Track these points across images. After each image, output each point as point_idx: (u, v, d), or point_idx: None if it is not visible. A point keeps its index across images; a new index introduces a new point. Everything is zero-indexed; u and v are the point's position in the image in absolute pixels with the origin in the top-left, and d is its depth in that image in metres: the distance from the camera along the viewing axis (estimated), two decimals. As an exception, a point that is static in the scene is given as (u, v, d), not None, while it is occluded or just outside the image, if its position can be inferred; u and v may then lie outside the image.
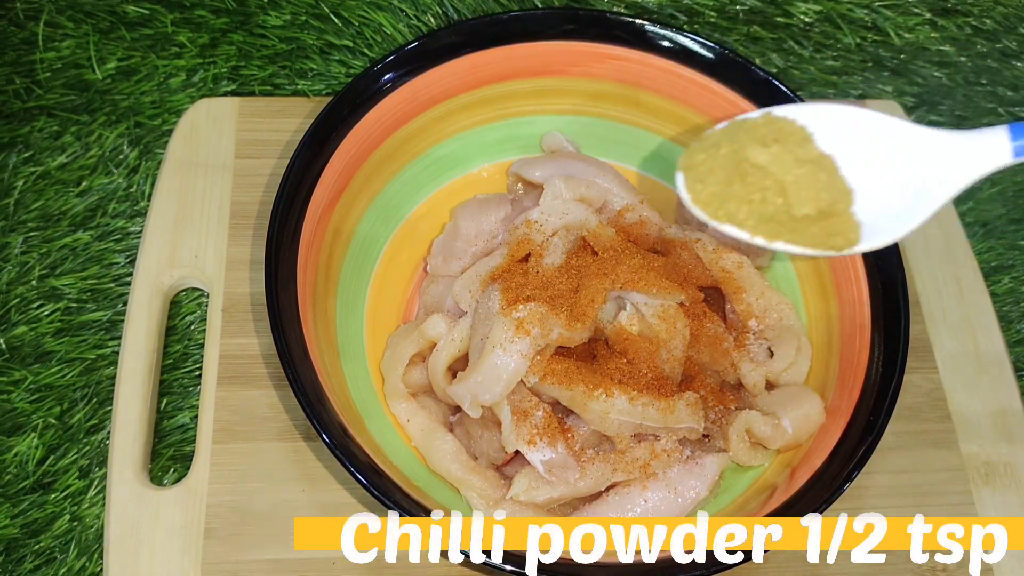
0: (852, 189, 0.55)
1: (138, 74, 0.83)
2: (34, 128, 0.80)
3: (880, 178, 0.55)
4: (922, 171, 0.55)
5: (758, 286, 0.71)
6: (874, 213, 0.55)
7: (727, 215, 0.55)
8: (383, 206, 0.73)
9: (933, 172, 0.54)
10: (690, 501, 0.63)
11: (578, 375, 0.63)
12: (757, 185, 0.54)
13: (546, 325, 0.63)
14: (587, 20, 0.73)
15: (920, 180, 0.55)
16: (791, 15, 0.87)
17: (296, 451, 0.67)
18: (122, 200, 0.78)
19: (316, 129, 0.68)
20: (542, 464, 0.62)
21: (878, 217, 0.55)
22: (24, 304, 0.74)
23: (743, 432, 0.65)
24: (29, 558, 0.67)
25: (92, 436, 0.70)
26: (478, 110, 0.75)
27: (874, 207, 0.55)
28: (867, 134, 0.56)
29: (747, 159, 0.54)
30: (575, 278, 0.66)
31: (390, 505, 0.56)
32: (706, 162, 0.56)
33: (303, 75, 0.84)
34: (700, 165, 0.56)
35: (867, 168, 0.56)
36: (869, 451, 0.61)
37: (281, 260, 0.63)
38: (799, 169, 0.54)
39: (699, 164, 0.56)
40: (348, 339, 0.68)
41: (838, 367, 0.67)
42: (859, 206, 0.55)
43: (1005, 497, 0.69)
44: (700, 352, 0.68)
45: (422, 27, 0.83)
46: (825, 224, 0.55)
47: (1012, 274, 0.82)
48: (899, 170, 0.55)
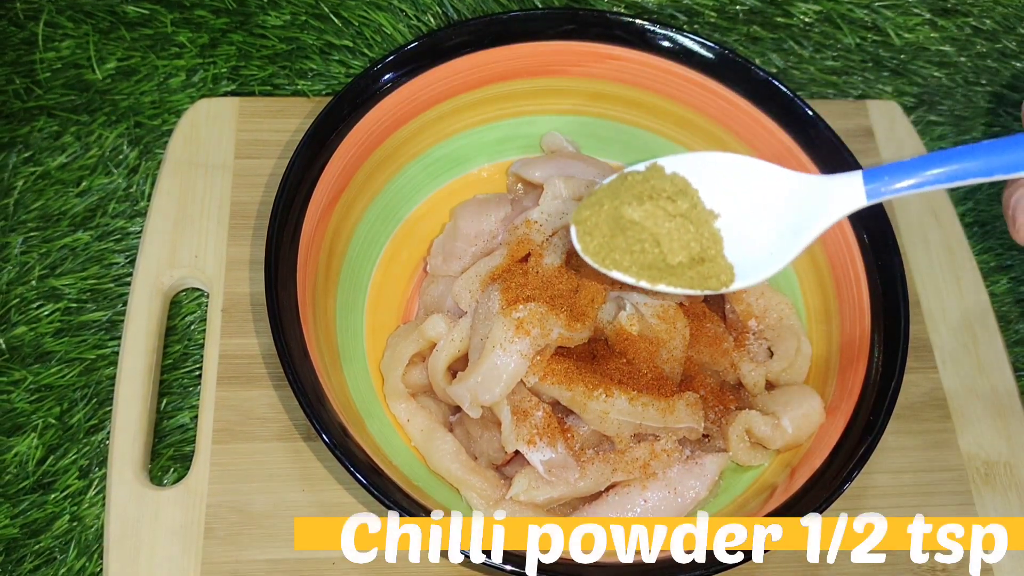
0: (722, 237, 0.60)
1: (138, 74, 0.83)
2: (34, 128, 0.80)
3: (752, 222, 0.61)
4: (789, 214, 0.60)
5: (758, 285, 0.71)
6: (746, 255, 0.60)
7: (613, 263, 0.61)
8: (383, 206, 0.73)
9: (799, 215, 0.60)
10: (690, 501, 0.63)
11: (578, 375, 0.63)
12: (636, 238, 0.60)
13: (546, 325, 0.63)
14: (587, 20, 0.73)
15: (787, 223, 0.60)
16: (791, 15, 0.87)
17: (296, 451, 0.67)
18: (122, 200, 0.78)
19: (316, 129, 0.68)
20: (542, 464, 0.62)
21: (749, 258, 0.60)
22: (24, 304, 0.74)
23: (743, 432, 0.65)
24: (29, 558, 0.66)
25: (92, 436, 0.70)
26: (478, 110, 0.75)
27: (746, 249, 0.60)
28: (742, 180, 0.61)
29: (624, 216, 0.60)
30: (575, 278, 0.66)
31: (390, 505, 0.56)
32: (591, 218, 0.62)
33: (303, 75, 0.84)
34: (587, 220, 0.62)
35: (740, 213, 0.61)
36: (869, 451, 0.61)
37: (281, 260, 0.63)
38: (669, 223, 0.60)
39: (586, 219, 0.62)
40: (348, 339, 0.68)
41: (838, 367, 0.67)
42: (730, 250, 0.60)
43: (1005, 497, 0.69)
44: (700, 352, 0.68)
45: (422, 27, 0.83)
46: (700, 268, 0.60)
47: (1011, 274, 0.82)
48: (769, 213, 0.60)
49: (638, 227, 0.60)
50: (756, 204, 0.60)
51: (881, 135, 0.83)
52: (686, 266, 0.60)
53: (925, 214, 0.80)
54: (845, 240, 0.69)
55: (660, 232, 0.59)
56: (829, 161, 0.70)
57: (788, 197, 0.60)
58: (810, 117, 0.71)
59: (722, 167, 0.62)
